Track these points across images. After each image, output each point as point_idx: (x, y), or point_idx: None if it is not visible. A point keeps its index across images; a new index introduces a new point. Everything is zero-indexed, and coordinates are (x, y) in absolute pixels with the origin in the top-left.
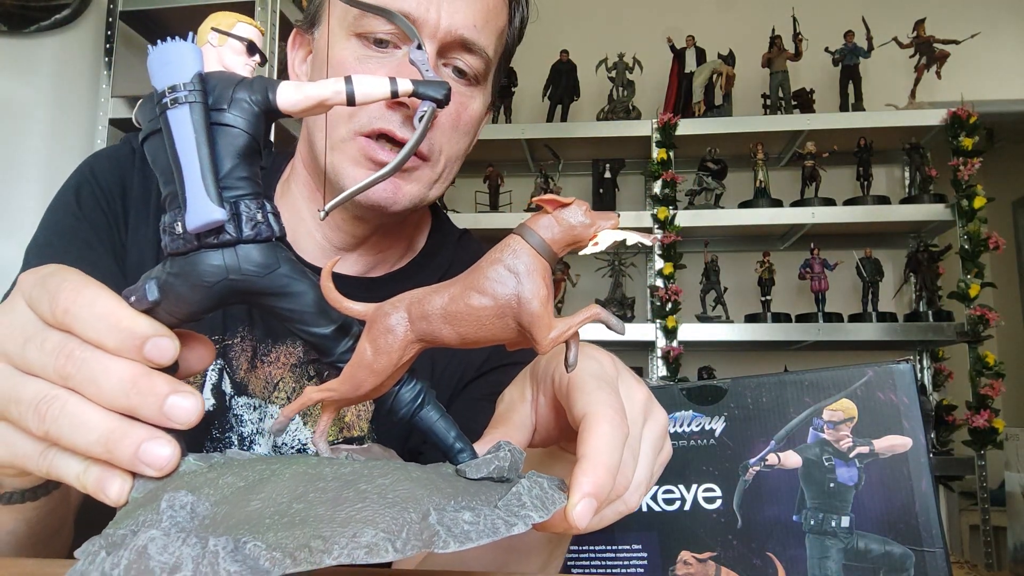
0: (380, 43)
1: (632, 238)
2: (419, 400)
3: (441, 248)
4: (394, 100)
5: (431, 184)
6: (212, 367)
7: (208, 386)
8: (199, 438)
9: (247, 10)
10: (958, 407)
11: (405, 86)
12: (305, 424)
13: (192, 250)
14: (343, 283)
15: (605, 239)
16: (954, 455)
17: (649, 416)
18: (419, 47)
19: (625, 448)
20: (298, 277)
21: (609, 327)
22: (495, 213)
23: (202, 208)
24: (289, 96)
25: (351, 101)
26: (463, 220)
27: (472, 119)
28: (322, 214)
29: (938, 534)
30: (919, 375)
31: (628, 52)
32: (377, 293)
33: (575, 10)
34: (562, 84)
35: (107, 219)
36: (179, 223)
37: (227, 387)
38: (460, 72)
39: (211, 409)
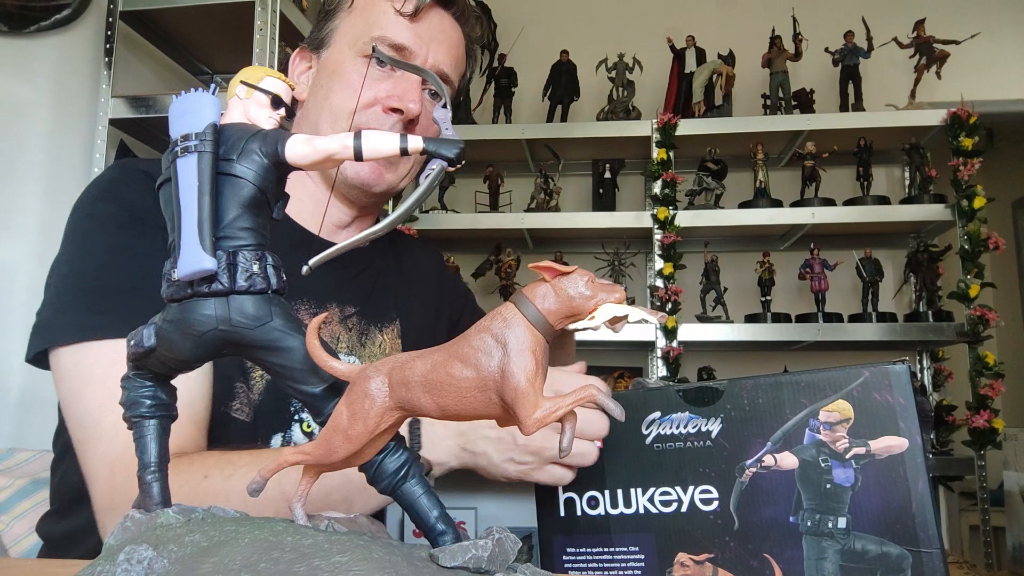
0: (382, 64)
1: (636, 314)
2: (403, 472)
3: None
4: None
5: (403, 177)
6: None
7: None
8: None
9: (247, 11)
10: (958, 407)
11: (415, 143)
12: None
13: (187, 298)
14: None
15: (604, 313)
16: (954, 455)
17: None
18: (444, 106)
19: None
20: (291, 332)
21: (606, 411)
22: (495, 213)
23: (193, 256)
24: (298, 149)
25: (358, 156)
26: (463, 220)
27: (438, 132)
28: (305, 269)
29: (935, 535)
30: (919, 375)
31: (628, 52)
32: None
33: (575, 10)
34: (562, 84)
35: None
36: (175, 270)
37: None
38: (434, 94)
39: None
